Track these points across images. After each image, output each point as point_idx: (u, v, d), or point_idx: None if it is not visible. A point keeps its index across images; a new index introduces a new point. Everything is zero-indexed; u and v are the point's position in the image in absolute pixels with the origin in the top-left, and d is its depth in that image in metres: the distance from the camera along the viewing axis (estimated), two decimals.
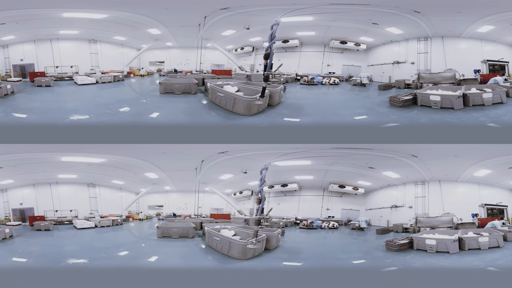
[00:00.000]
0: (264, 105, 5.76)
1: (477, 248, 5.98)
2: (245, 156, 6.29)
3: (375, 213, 7.42)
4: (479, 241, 6.03)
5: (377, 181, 7.31)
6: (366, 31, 6.81)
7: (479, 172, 6.85)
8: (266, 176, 5.79)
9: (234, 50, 6.96)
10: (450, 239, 5.98)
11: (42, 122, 4.66)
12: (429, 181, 7.12)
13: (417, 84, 6.64)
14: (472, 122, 5.38)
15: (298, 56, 7.07)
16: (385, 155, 6.49)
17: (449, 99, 5.82)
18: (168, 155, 6.04)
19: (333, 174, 7.30)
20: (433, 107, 5.78)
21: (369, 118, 5.50)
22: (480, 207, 6.85)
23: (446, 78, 6.56)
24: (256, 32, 6.72)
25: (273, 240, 6.21)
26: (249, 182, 7.19)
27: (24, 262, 4.72)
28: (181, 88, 6.08)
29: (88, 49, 5.98)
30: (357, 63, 7.04)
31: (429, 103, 5.84)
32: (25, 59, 5.72)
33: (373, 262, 5.58)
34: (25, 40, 5.73)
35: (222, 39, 6.74)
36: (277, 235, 6.33)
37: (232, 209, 7.13)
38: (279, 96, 6.23)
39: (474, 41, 6.39)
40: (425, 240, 5.96)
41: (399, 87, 6.68)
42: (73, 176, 6.20)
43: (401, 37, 6.73)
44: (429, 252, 5.90)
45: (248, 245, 5.46)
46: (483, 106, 5.79)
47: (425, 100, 5.92)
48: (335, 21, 6.78)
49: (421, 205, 7.26)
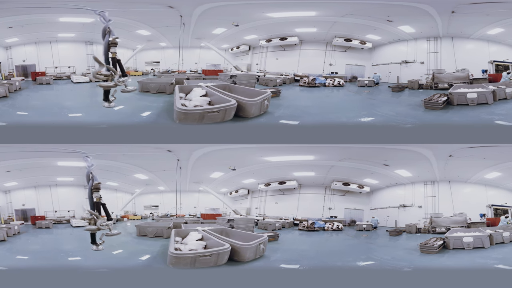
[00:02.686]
0: (219, 117, 5.53)
1: (502, 242, 6.37)
2: (228, 151, 6.27)
3: (380, 213, 7.24)
4: (503, 236, 6.49)
5: (385, 179, 7.11)
6: (375, 29, 6.55)
7: (490, 174, 6.82)
8: (262, 172, 5.77)
9: (230, 49, 6.79)
10: (484, 235, 6.29)
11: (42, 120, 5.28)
12: (439, 181, 6.98)
13: (431, 84, 6.50)
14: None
15: (297, 55, 6.76)
16: (406, 148, 6.37)
17: (484, 95, 6.10)
18: (142, 155, 6.30)
19: (338, 170, 7.10)
20: (470, 104, 5.99)
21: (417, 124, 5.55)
22: (487, 208, 6.86)
23: (460, 78, 6.49)
24: (250, 30, 6.56)
25: (247, 253, 5.83)
26: (244, 180, 7.07)
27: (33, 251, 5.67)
28: (156, 87, 6.24)
29: (84, 50, 6.28)
30: (361, 62, 6.66)
31: (466, 101, 6.03)
32: (27, 60, 6.10)
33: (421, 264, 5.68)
34: (27, 42, 6.11)
35: (215, 38, 6.62)
36: (256, 247, 6.01)
37: (228, 208, 7.17)
38: (259, 108, 5.93)
39: (481, 42, 6.41)
40: (463, 238, 6.18)
41: (412, 87, 6.54)
42: (70, 179, 6.51)
43: (410, 36, 6.56)
44: (467, 249, 6.14)
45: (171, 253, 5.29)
46: (506, 100, 6.10)
47: (461, 99, 6.08)
48: (345, 17, 6.41)
49: (431, 205, 7.10)
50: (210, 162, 6.65)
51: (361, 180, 7.19)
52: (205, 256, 5.59)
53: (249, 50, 6.78)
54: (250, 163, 6.68)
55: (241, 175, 6.96)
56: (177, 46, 6.57)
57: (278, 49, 6.75)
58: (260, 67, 6.89)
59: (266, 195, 7.16)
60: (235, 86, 6.35)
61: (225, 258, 5.81)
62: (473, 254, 6.16)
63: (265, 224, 7.18)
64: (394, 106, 6.09)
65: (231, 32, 6.52)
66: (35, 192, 6.49)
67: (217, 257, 5.70)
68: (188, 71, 6.72)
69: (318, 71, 6.78)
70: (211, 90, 6.01)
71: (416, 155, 6.60)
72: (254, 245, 6.01)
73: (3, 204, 6.36)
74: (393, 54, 6.61)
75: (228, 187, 7.04)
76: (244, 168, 6.85)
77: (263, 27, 6.57)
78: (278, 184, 7.12)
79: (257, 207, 7.19)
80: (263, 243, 6.21)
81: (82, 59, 6.29)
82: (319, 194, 7.23)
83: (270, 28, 6.63)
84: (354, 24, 6.55)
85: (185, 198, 6.94)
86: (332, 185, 7.23)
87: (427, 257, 6.04)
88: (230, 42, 6.68)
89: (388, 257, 6.12)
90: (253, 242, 6.02)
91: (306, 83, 6.69)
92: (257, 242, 6.05)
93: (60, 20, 5.98)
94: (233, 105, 5.65)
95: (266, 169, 6.91)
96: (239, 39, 6.67)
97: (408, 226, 6.98)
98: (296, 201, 7.20)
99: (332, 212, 7.24)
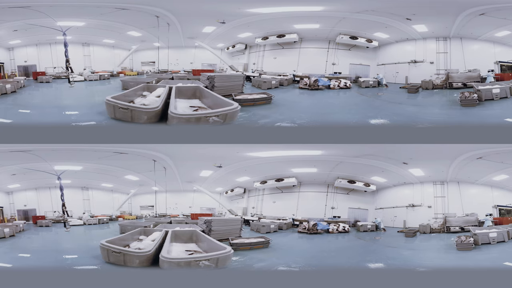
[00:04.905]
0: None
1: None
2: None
3: (386, 212, 7.03)
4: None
5: (395, 178, 6.89)
6: (387, 26, 6.16)
7: (499, 176, 6.77)
8: (255, 169, 5.61)
9: (226, 49, 6.50)
10: (504, 230, 6.52)
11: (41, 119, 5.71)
12: (448, 182, 6.83)
13: (446, 84, 6.41)
14: None
15: (297, 54, 6.38)
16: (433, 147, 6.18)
17: (504, 90, 6.27)
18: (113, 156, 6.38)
19: (344, 166, 6.83)
20: (494, 99, 6.17)
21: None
22: (493, 208, 6.84)
23: (472, 77, 6.44)
24: (242, 27, 6.28)
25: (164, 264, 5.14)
26: (237, 178, 6.81)
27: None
28: (135, 86, 6.27)
29: (81, 51, 6.54)
30: (365, 62, 6.26)
31: (491, 96, 6.18)
32: (28, 61, 6.52)
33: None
34: (28, 44, 6.50)
35: (208, 37, 6.42)
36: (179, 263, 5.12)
37: (224, 208, 7.11)
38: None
39: (486, 43, 6.41)
40: (489, 234, 6.43)
41: (427, 88, 6.41)
42: (67, 181, 6.74)
43: (421, 35, 6.38)
44: (492, 244, 6.35)
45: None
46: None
47: (488, 94, 6.23)
48: (358, 14, 6.03)
49: (440, 205, 6.92)
50: (195, 161, 6.52)
51: (368, 178, 6.92)
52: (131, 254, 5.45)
53: (245, 49, 6.46)
54: (237, 159, 6.43)
55: (233, 173, 6.68)
56: (171, 46, 6.51)
57: (276, 48, 6.41)
58: (257, 67, 6.58)
59: (263, 193, 6.92)
60: (203, 90, 5.99)
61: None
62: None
63: (258, 226, 6.68)
64: (430, 108, 6.00)
65: (222, 31, 6.29)
66: (36, 193, 6.81)
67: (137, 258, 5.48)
68: (181, 71, 6.54)
69: (320, 71, 6.41)
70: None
71: (440, 154, 6.44)
72: (175, 261, 5.28)
73: (6, 205, 6.76)
74: (399, 53, 6.37)
75: (223, 186, 6.83)
76: (232, 166, 6.58)
77: (256, 24, 6.25)
78: (275, 181, 6.71)
79: (253, 206, 6.99)
80: (211, 259, 5.30)
81: (79, 59, 6.55)
82: (320, 192, 6.97)
83: (265, 25, 6.33)
84: (364, 20, 6.23)
85: (181, 198, 6.93)
86: (336, 182, 6.89)
87: (469, 254, 6.09)
88: (225, 41, 6.44)
89: (430, 260, 5.93)
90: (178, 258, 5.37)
91: (307, 85, 6.17)
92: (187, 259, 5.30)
93: (58, 24, 6.35)
94: (156, 109, 5.50)
95: (259, 166, 6.61)
96: (234, 38, 6.39)
97: (422, 226, 6.83)
98: (295, 200, 6.91)
99: (335, 212, 7.00)
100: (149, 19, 6.33)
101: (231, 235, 6.42)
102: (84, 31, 6.38)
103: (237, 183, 6.84)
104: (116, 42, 6.49)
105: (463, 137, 5.43)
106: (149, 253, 5.61)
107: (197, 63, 6.52)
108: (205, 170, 6.69)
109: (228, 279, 5.08)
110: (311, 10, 6.08)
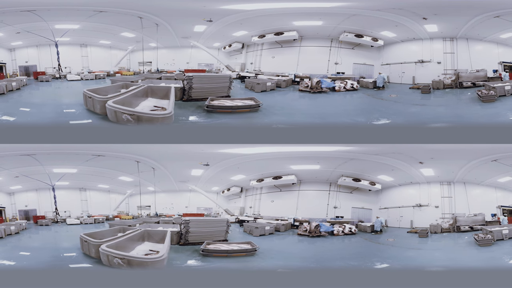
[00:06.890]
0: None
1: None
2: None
3: (391, 212, 6.86)
4: None
5: (402, 177, 6.71)
6: (397, 25, 5.85)
7: (504, 178, 6.72)
8: (250, 166, 5.41)
9: (223, 48, 6.27)
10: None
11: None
12: (455, 182, 6.73)
13: (456, 83, 6.45)
14: None
15: (297, 52, 6.10)
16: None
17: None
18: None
19: (350, 164, 6.57)
20: (507, 95, 6.39)
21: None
22: (497, 208, 6.85)
23: (480, 77, 6.49)
24: (234, 25, 5.99)
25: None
26: (233, 177, 6.55)
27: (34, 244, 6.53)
28: (120, 85, 6.48)
29: (79, 52, 6.75)
30: (369, 61, 5.99)
31: (504, 93, 6.41)
32: (29, 61, 6.81)
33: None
34: (29, 45, 6.75)
35: (202, 36, 6.27)
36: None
37: (220, 208, 6.99)
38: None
39: (490, 43, 6.43)
40: (502, 231, 6.63)
41: (437, 87, 6.39)
42: (66, 183, 6.87)
43: (428, 35, 6.27)
44: (505, 240, 6.54)
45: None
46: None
47: (501, 91, 6.46)
48: (374, 10, 5.77)
49: (447, 205, 6.81)
50: (182, 161, 6.39)
51: (375, 177, 6.68)
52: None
53: (242, 48, 6.21)
54: (223, 157, 6.23)
55: (226, 171, 6.41)
56: (167, 46, 6.47)
57: (274, 46, 6.14)
58: (255, 67, 6.34)
59: (260, 192, 6.62)
60: (171, 91, 5.71)
61: None
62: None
63: (251, 227, 6.14)
64: (453, 109, 6.12)
65: (215, 29, 6.07)
66: (36, 194, 6.99)
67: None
68: (177, 71, 6.42)
69: (322, 71, 6.11)
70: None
71: (459, 155, 6.43)
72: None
73: (8, 205, 6.99)
74: (404, 53, 6.25)
75: (219, 185, 6.60)
76: (222, 164, 6.29)
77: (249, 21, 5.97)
78: (273, 179, 6.25)
79: (251, 206, 6.68)
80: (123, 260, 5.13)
81: (78, 60, 6.79)
82: (322, 191, 6.68)
83: (260, 22, 6.04)
84: (371, 18, 5.92)
85: (178, 197, 6.88)
86: (339, 180, 6.61)
87: (490, 249, 6.29)
88: (220, 40, 6.21)
89: (463, 260, 6.07)
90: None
91: (308, 87, 5.57)
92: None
93: (56, 27, 6.61)
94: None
95: (255, 163, 6.27)
96: (229, 36, 6.15)
97: (433, 226, 6.76)
98: (295, 199, 6.60)
99: (338, 212, 6.78)
100: (134, 21, 6.40)
101: (214, 238, 5.96)
102: (81, 33, 6.61)
103: (233, 182, 6.58)
104: (112, 43, 6.65)
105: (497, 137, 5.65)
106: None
107: (194, 63, 6.44)
108: (195, 169, 6.50)
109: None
110: (319, 7, 5.76)
